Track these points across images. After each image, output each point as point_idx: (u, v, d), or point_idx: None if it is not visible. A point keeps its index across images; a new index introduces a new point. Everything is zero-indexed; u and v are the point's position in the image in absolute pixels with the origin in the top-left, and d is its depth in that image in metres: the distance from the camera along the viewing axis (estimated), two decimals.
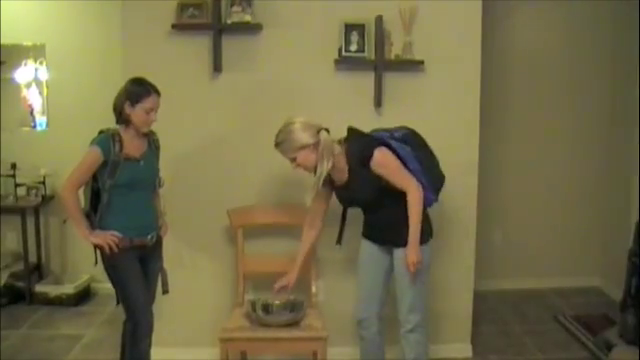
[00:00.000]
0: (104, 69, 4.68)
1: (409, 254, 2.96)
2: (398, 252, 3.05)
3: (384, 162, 2.94)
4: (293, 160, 3.00)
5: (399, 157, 2.99)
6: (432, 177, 3.10)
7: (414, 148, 3.07)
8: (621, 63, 5.02)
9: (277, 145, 3.00)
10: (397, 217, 2.99)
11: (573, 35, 5.11)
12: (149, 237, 3.11)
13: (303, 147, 2.94)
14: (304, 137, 2.94)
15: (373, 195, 3.01)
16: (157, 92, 2.99)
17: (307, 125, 2.97)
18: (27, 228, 4.87)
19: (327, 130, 2.99)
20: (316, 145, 2.95)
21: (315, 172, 3.00)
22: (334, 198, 3.20)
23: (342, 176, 3.03)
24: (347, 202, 3.18)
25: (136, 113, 2.95)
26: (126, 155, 2.96)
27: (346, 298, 3.60)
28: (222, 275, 3.78)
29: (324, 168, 2.95)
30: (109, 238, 2.96)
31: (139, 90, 2.96)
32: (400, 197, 2.96)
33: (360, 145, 2.99)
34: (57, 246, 5.19)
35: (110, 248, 2.95)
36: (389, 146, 2.99)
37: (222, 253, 3.78)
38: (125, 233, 3.00)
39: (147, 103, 2.95)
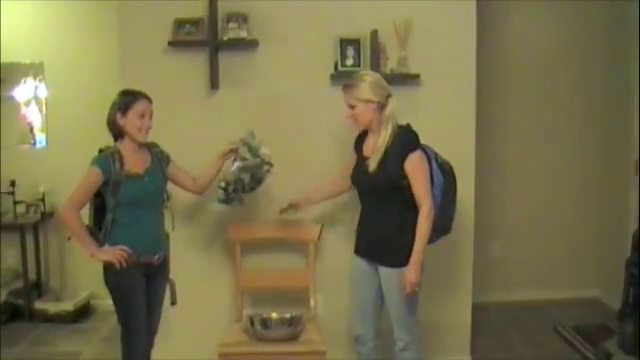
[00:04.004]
0: (102, 86, 4.65)
1: (408, 273, 2.91)
2: (384, 271, 3.04)
3: (419, 164, 2.94)
4: (351, 107, 3.00)
5: (431, 178, 3.00)
6: (443, 217, 3.07)
7: (446, 181, 3.08)
8: (615, 65, 5.04)
9: (345, 87, 3.01)
10: (388, 232, 3.00)
11: (570, 36, 5.14)
12: (156, 257, 3.06)
13: (368, 101, 2.95)
14: (371, 93, 2.95)
15: (386, 186, 2.96)
16: (147, 97, 2.98)
17: (380, 84, 2.99)
18: (26, 245, 4.88)
19: None
20: (380, 107, 2.96)
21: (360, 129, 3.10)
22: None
23: (375, 149, 3.00)
24: (360, 179, 3.09)
25: (129, 120, 2.92)
26: (127, 172, 2.92)
27: (345, 312, 3.59)
28: (220, 290, 3.78)
29: (388, 133, 2.96)
30: (118, 253, 2.89)
31: (127, 98, 2.95)
32: (402, 212, 2.96)
33: (410, 138, 2.99)
34: (56, 263, 5.19)
35: (120, 264, 2.88)
36: (430, 164, 3.01)
37: (221, 268, 3.78)
38: (133, 249, 2.94)
39: (138, 107, 2.93)
